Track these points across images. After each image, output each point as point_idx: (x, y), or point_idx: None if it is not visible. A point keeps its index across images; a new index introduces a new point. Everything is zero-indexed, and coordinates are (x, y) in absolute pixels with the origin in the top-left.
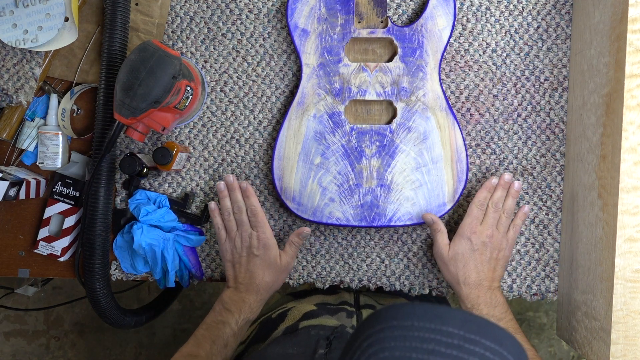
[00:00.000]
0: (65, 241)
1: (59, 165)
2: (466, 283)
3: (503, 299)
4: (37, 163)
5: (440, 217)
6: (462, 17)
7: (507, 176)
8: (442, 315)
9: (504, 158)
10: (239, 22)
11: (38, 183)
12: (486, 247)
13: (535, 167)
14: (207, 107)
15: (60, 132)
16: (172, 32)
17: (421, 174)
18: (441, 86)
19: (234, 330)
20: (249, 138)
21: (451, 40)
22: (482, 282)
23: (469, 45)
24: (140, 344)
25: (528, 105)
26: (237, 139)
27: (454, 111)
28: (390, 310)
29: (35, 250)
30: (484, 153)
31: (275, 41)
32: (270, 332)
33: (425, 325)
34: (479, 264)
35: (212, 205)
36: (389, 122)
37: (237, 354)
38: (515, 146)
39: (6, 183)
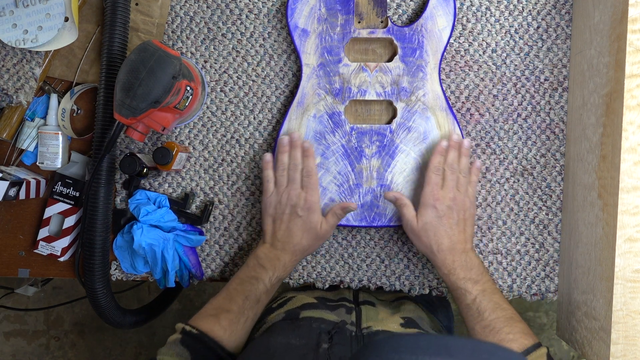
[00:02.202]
0: (65, 241)
1: (59, 165)
2: (440, 250)
3: (478, 260)
4: (37, 163)
5: None
6: (462, 17)
7: (455, 137)
8: (448, 346)
9: (504, 158)
10: (239, 22)
11: (38, 183)
12: (452, 211)
13: (535, 167)
14: (207, 107)
15: (60, 132)
16: (172, 32)
17: (421, 174)
18: (441, 86)
19: (266, 287)
20: (249, 138)
21: (451, 40)
22: (455, 245)
23: (469, 45)
24: (140, 344)
25: (528, 105)
26: (237, 139)
27: (454, 111)
28: (391, 343)
29: (35, 250)
30: (484, 153)
31: (275, 41)
32: (265, 316)
33: (431, 359)
34: (448, 229)
35: (268, 156)
36: (389, 122)
37: None
38: (515, 146)
39: (6, 183)
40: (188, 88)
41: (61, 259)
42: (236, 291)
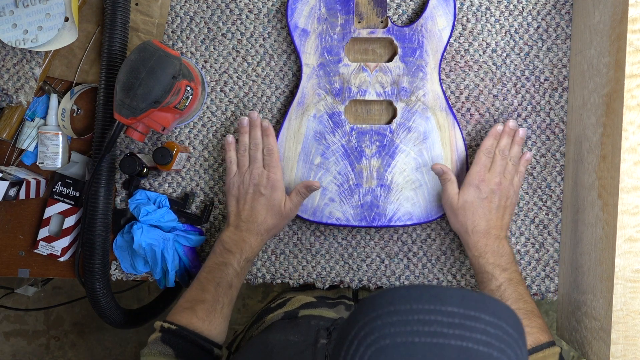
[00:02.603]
0: (65, 241)
1: (59, 165)
2: (475, 231)
3: (510, 249)
4: (37, 163)
5: (440, 218)
6: (462, 17)
7: (512, 123)
8: (439, 295)
9: None
10: (239, 22)
11: (38, 183)
12: (495, 195)
13: (535, 167)
14: (207, 107)
15: (60, 132)
16: (172, 32)
17: (421, 174)
18: (441, 86)
19: (236, 270)
20: None
21: (451, 40)
22: (490, 230)
23: (469, 45)
24: (140, 344)
25: (528, 105)
26: (237, 139)
27: (454, 111)
28: (384, 296)
29: (35, 250)
30: None
31: (275, 41)
32: (264, 315)
33: (424, 307)
34: (487, 212)
35: (230, 138)
36: (389, 122)
37: (236, 341)
38: None
39: (6, 183)
40: (188, 88)
41: (61, 259)
42: (207, 280)
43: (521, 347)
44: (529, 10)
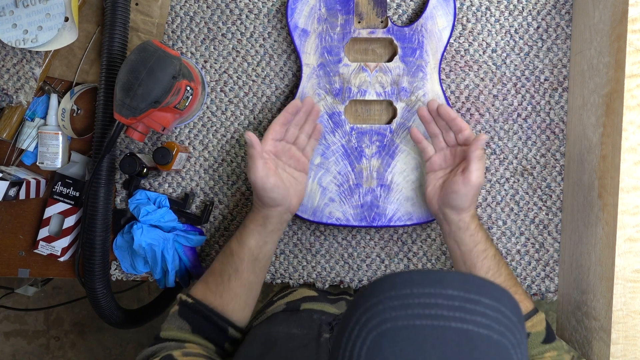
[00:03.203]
0: (65, 241)
1: (59, 165)
2: (474, 206)
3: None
4: (37, 163)
5: None
6: (462, 17)
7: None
8: (440, 279)
9: (504, 158)
10: (239, 22)
11: (38, 183)
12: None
13: (535, 167)
14: (207, 107)
15: (60, 132)
16: (172, 32)
17: (421, 174)
18: (441, 86)
19: (236, 236)
20: None
21: (451, 40)
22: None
23: (469, 45)
24: (140, 344)
25: (528, 105)
26: (237, 139)
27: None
28: (386, 281)
29: (35, 250)
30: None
31: (275, 41)
32: (265, 308)
33: (425, 291)
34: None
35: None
36: (389, 122)
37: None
38: (515, 146)
39: (6, 183)
40: (188, 88)
41: (61, 259)
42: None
43: (520, 331)
44: (529, 10)
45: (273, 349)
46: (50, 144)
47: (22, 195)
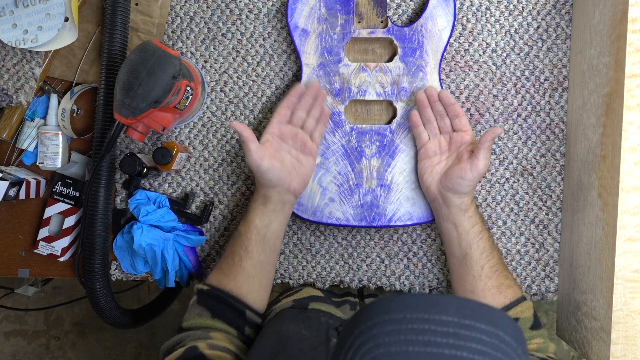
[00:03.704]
0: (65, 241)
1: (59, 165)
2: (474, 190)
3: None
4: (37, 163)
5: None
6: (462, 17)
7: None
8: (434, 303)
9: (504, 158)
10: (239, 22)
11: (38, 183)
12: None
13: (535, 167)
14: (207, 107)
15: (60, 132)
16: (172, 32)
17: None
18: (441, 86)
19: (244, 217)
20: None
21: (451, 40)
22: None
23: (469, 45)
24: (140, 344)
25: (528, 105)
26: (237, 139)
27: None
28: (380, 304)
29: (35, 250)
30: None
31: (275, 41)
32: (272, 305)
33: (419, 316)
34: None
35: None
36: (389, 122)
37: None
38: (515, 146)
39: (6, 183)
40: (188, 88)
41: (61, 259)
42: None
43: (520, 356)
44: (529, 10)
45: (285, 348)
46: (50, 144)
47: (22, 195)
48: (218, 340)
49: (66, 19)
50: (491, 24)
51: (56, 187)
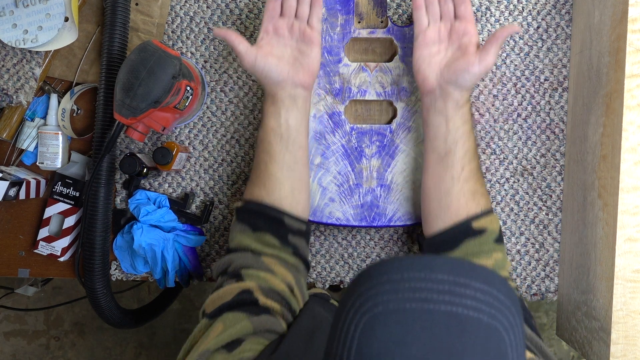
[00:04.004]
0: (65, 241)
1: (59, 165)
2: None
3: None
4: (37, 163)
5: None
6: None
7: None
8: (430, 263)
9: (504, 158)
10: (239, 22)
11: (38, 183)
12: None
13: (535, 167)
14: (207, 107)
15: (60, 132)
16: (172, 32)
17: (421, 174)
18: None
19: (260, 119)
20: (249, 138)
21: None
22: None
23: None
24: (140, 344)
25: (528, 105)
26: (237, 139)
27: None
28: (378, 267)
29: (35, 250)
30: (483, 153)
31: None
32: None
33: (415, 275)
34: None
35: None
36: (389, 122)
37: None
38: (515, 146)
39: (6, 183)
40: (188, 88)
41: (61, 259)
42: None
43: (514, 315)
44: (529, 10)
45: (321, 326)
46: (50, 144)
47: (22, 195)
48: (270, 274)
49: (66, 19)
50: (491, 24)
51: (56, 187)
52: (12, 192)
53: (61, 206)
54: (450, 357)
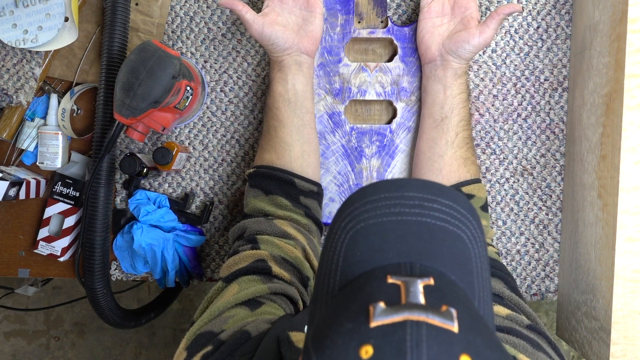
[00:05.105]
0: (65, 241)
1: (59, 165)
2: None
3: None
4: (37, 163)
5: None
6: None
7: None
8: (403, 184)
9: (504, 158)
10: (238, 22)
11: (38, 183)
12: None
13: (535, 167)
14: (207, 107)
15: (60, 132)
16: (172, 32)
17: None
18: None
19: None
20: (249, 138)
21: None
22: None
23: None
24: (140, 344)
25: (528, 105)
26: (237, 139)
27: None
28: (358, 193)
29: (35, 250)
30: (483, 153)
31: None
32: None
33: (390, 195)
34: None
35: None
36: (389, 122)
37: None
38: (515, 146)
39: (6, 183)
40: (188, 88)
41: (61, 259)
42: None
43: (475, 228)
44: (529, 10)
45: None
46: (50, 144)
47: (22, 195)
48: (284, 241)
49: (66, 19)
50: None
51: (56, 187)
52: (12, 192)
53: (61, 206)
54: (422, 259)
